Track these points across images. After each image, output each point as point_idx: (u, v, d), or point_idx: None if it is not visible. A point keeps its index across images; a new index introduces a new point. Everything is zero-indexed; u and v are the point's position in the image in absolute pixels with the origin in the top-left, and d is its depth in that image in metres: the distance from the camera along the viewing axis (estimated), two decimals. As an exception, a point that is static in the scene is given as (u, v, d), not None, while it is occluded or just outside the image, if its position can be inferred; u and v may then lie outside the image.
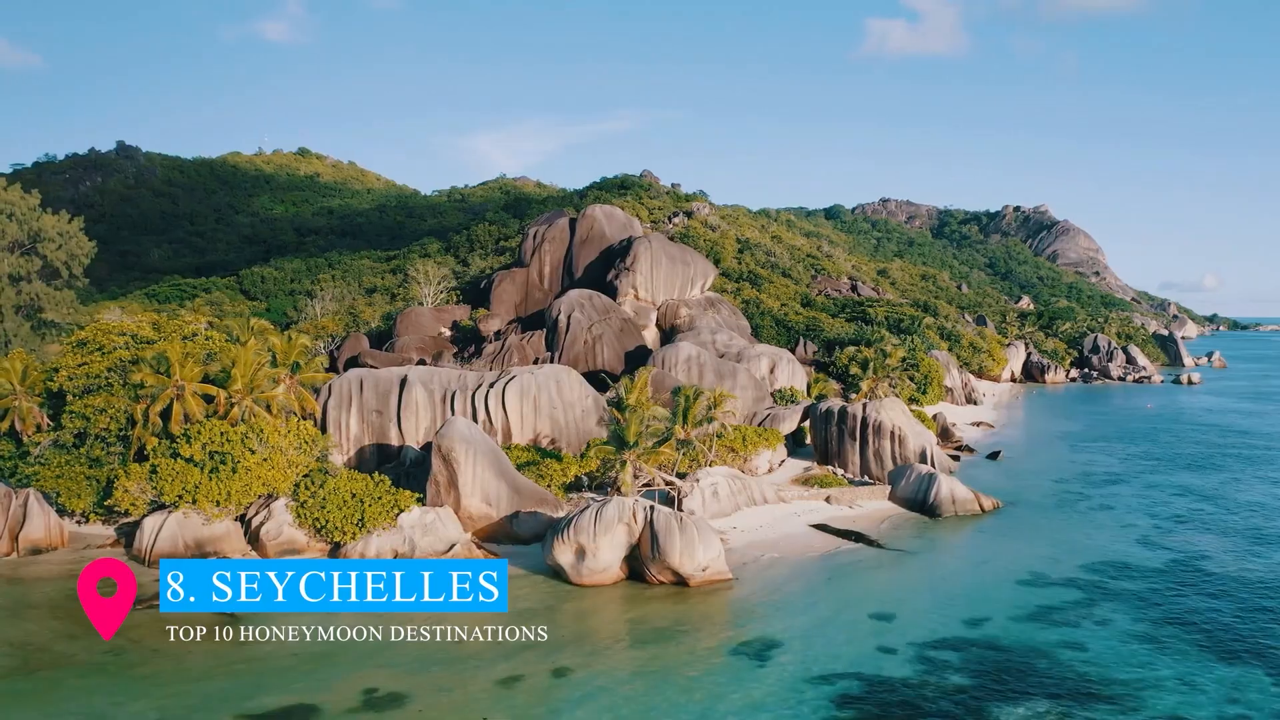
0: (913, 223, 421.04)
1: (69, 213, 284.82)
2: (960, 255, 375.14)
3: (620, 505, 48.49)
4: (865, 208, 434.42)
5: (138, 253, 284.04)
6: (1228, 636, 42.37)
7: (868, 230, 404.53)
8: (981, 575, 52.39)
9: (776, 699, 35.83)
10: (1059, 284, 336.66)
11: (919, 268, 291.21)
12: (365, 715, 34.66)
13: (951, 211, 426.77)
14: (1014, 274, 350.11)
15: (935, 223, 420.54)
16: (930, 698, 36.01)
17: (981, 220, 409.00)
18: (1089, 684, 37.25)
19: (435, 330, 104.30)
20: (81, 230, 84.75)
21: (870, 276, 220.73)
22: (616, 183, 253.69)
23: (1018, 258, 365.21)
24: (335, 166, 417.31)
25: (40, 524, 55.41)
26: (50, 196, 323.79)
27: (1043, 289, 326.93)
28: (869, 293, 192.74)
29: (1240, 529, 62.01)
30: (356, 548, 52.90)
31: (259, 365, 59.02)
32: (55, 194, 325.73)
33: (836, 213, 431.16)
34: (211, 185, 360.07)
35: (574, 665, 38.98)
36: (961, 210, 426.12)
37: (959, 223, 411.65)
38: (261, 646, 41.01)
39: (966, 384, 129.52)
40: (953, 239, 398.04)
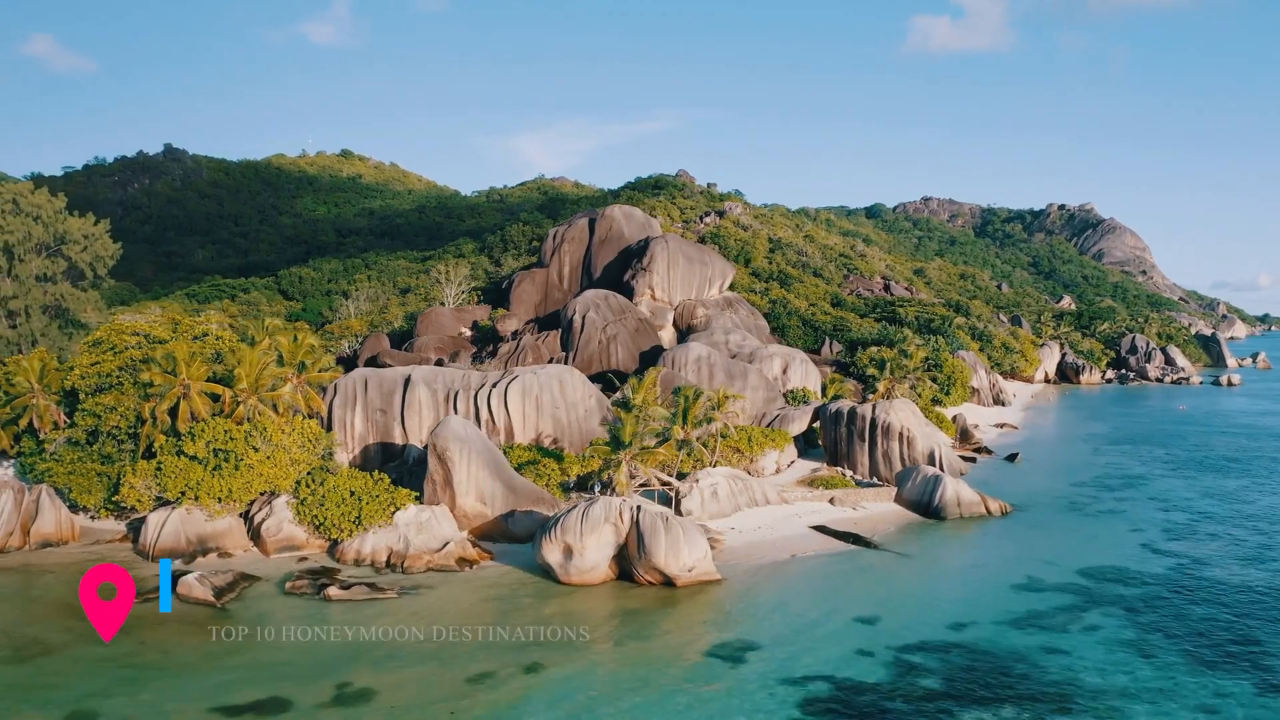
0: (955, 221, 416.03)
1: (118, 213, 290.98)
2: (1003, 254, 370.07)
3: (607, 505, 48.72)
4: (907, 206, 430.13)
5: (182, 253, 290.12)
6: (1217, 646, 41.48)
7: (909, 229, 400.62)
8: (975, 579, 51.86)
9: (743, 700, 35.83)
10: (1104, 283, 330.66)
11: (958, 267, 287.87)
12: (333, 710, 35.22)
13: (995, 210, 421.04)
14: (1058, 273, 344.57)
15: (978, 221, 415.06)
16: (897, 702, 35.77)
17: (1025, 219, 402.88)
18: (1062, 691, 36.75)
19: (456, 330, 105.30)
20: (108, 233, 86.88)
21: (905, 276, 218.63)
22: (650, 183, 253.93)
23: (1062, 256, 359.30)
24: (377, 168, 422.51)
25: (51, 519, 57.04)
26: (99, 198, 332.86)
27: (1087, 288, 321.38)
28: (902, 292, 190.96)
29: (1251, 536, 60.63)
30: (353, 545, 53.74)
31: (265, 365, 60.09)
32: (104, 196, 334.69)
33: (877, 211, 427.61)
34: (256, 187, 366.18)
35: (547, 663, 39.27)
36: (1005, 209, 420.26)
37: (1002, 221, 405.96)
38: (248, 642, 41.91)
39: (994, 385, 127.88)
40: (995, 238, 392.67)
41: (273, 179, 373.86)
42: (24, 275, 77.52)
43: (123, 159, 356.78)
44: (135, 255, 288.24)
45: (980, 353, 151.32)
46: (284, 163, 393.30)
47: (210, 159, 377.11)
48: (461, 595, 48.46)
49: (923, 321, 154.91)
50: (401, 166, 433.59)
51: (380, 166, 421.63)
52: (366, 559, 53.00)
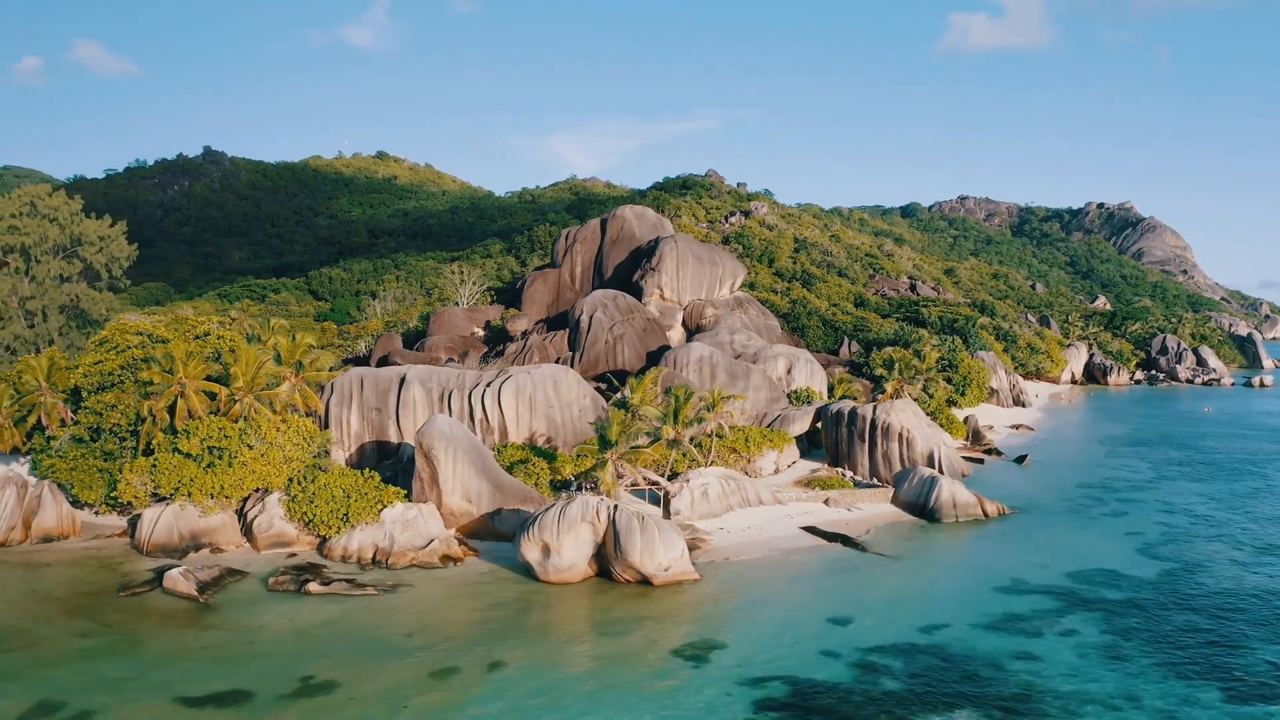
0: (992, 220, 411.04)
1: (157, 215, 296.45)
2: (1040, 254, 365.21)
3: (584, 504, 48.98)
4: (943, 205, 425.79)
5: (219, 254, 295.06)
6: (1192, 653, 40.73)
7: (944, 228, 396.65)
8: (958, 581, 51.36)
9: (698, 699, 35.83)
10: (1142, 283, 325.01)
11: (992, 266, 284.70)
12: (293, 702, 35.81)
13: (1032, 209, 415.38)
14: (1095, 272, 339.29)
15: (1015, 220, 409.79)
16: (853, 704, 35.60)
17: (1063, 218, 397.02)
18: (1024, 695, 36.34)
19: (468, 330, 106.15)
20: (124, 234, 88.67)
21: (934, 276, 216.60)
22: (678, 183, 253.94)
23: (1100, 256, 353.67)
24: (412, 169, 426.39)
25: (53, 514, 58.47)
26: (139, 200, 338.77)
27: (1125, 288, 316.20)
28: (928, 292, 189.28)
29: (1251, 541, 59.38)
30: (340, 542, 54.52)
31: (261, 364, 61.10)
32: (143, 198, 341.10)
33: (913, 211, 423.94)
34: (293, 188, 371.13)
35: (510, 659, 39.61)
36: (1043, 207, 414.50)
37: (1040, 220, 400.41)
38: (223, 635, 42.74)
39: (1014, 386, 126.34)
40: (1033, 237, 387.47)
41: (309, 181, 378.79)
42: (40, 276, 79.43)
43: (163, 161, 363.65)
44: (173, 256, 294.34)
45: (1004, 353, 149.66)
46: (320, 164, 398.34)
47: (248, 161, 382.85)
48: (440, 592, 48.98)
49: (946, 322, 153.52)
50: (436, 168, 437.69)
51: (415, 168, 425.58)
52: (353, 555, 53.75)
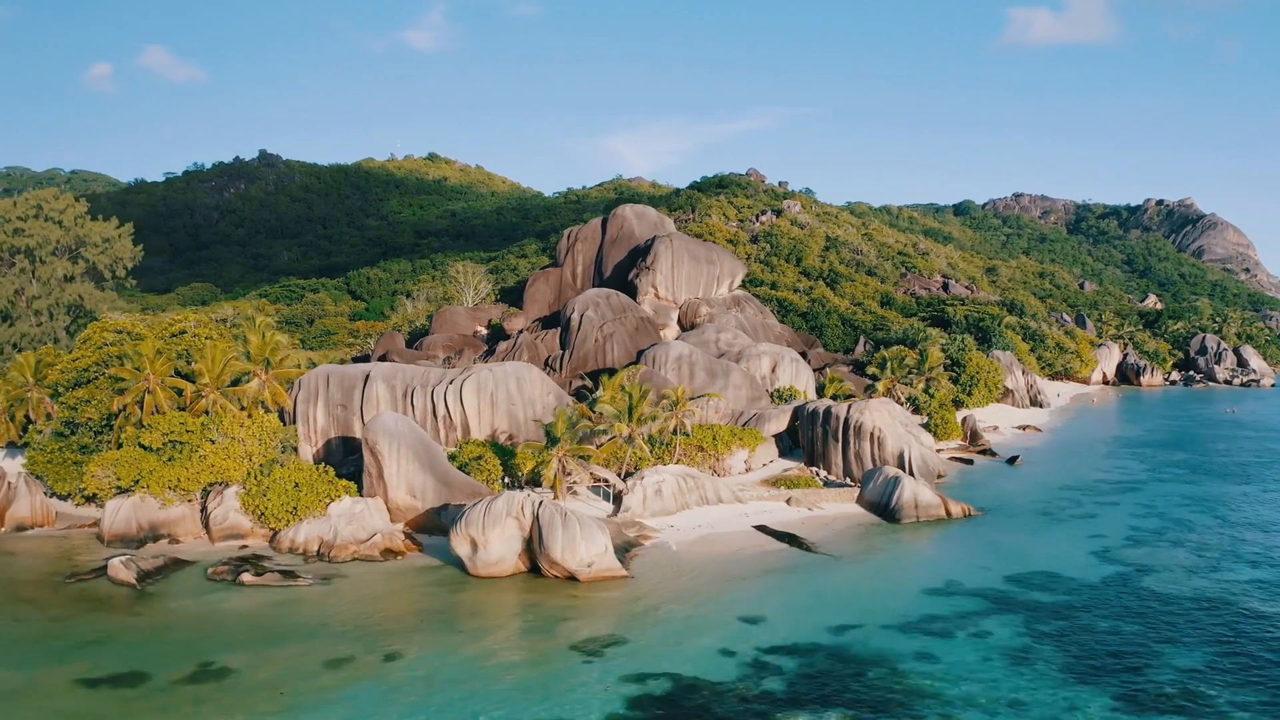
0: (1047, 218, 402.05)
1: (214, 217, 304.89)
2: (1095, 252, 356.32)
3: (509, 500, 49.55)
4: (997, 203, 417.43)
5: (269, 255, 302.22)
6: (1102, 660, 39.65)
7: (997, 226, 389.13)
8: (892, 582, 50.77)
9: (573, 694, 36.02)
10: (1202, 281, 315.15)
11: (1040, 264, 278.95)
12: (184, 686, 36.90)
13: (1089, 206, 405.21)
14: (1153, 271, 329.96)
15: (1071, 218, 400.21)
16: (727, 701, 35.49)
17: (1121, 215, 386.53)
18: (905, 697, 35.84)
19: (471, 329, 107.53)
20: (131, 236, 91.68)
21: (970, 275, 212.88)
22: (715, 181, 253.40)
23: (1158, 254, 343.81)
24: (463, 170, 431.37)
25: (26, 504, 60.92)
26: (196, 203, 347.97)
27: (1183, 286, 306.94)
28: (961, 291, 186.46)
29: (1219, 546, 57.49)
30: (288, 534, 55.87)
31: (226, 361, 62.84)
32: (200, 200, 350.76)
33: (966, 208, 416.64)
34: (345, 190, 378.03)
35: (407, 650, 40.30)
36: (1100, 204, 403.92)
37: (1097, 218, 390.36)
38: (145, 621, 44.24)
39: (1031, 386, 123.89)
40: (1089, 235, 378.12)
41: (361, 183, 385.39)
42: (45, 276, 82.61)
43: (220, 165, 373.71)
44: (225, 257, 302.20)
45: (1029, 353, 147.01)
46: (373, 166, 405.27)
47: (302, 164, 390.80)
48: (371, 585, 49.92)
49: (972, 321, 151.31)
50: (486, 169, 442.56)
51: (465, 169, 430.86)
52: (300, 548, 55.03)
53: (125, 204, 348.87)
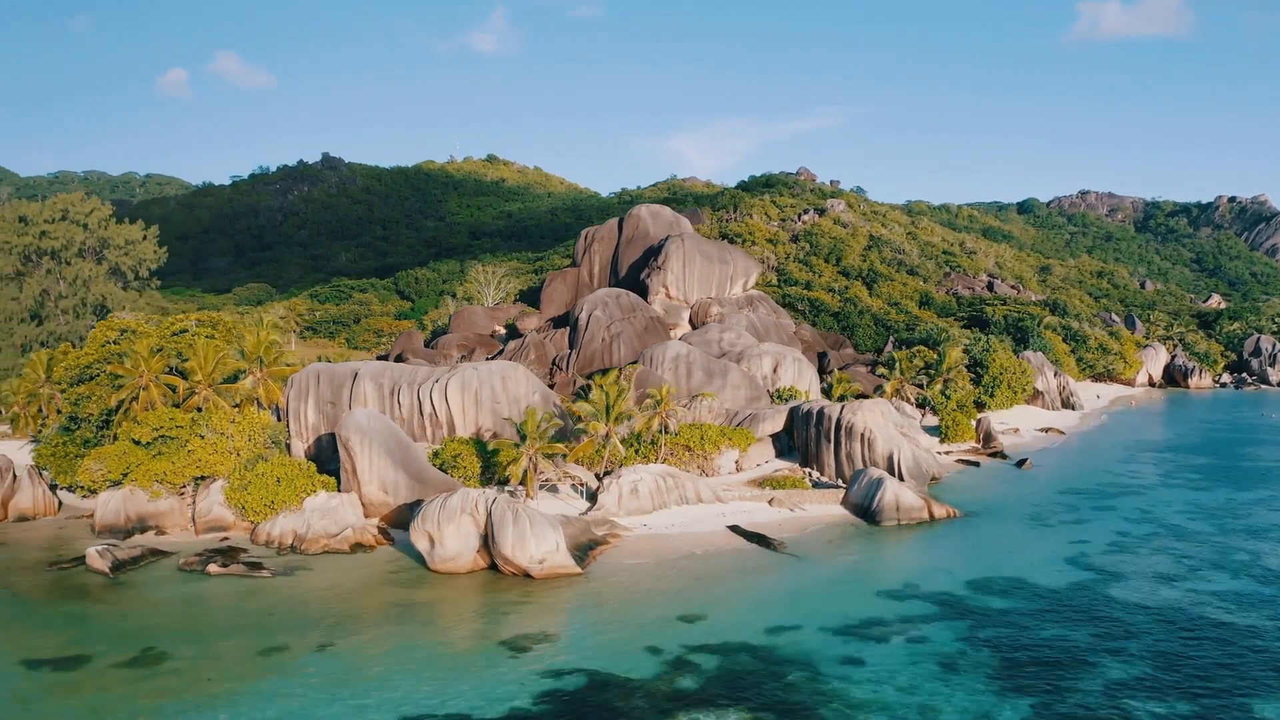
0: (1114, 216, 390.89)
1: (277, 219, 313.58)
2: (1163, 250, 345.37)
3: (464, 496, 50.28)
4: (1062, 201, 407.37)
5: (327, 256, 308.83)
6: (1035, 669, 38.75)
7: (1061, 224, 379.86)
8: (846, 584, 50.20)
9: (485, 688, 36.43)
10: (1275, 280, 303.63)
11: (1099, 263, 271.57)
12: (121, 669, 38.37)
13: (1158, 203, 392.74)
14: (1223, 270, 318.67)
15: (1139, 215, 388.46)
16: (633, 698, 35.58)
17: (1191, 212, 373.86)
18: (815, 699, 35.50)
19: (489, 328, 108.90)
20: (157, 239, 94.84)
21: (1019, 274, 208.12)
22: (761, 181, 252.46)
23: (1229, 252, 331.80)
24: (521, 172, 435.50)
25: (29, 495, 63.59)
26: (261, 205, 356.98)
27: (1254, 286, 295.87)
28: (1006, 291, 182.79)
29: (1206, 555, 55.52)
30: (265, 527, 57.43)
31: (218, 359, 64.82)
32: (265, 203, 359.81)
33: (1030, 207, 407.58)
34: (405, 192, 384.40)
35: (341, 642, 41.25)
36: (1170, 202, 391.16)
37: (1166, 215, 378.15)
38: (103, 608, 46.00)
39: (1063, 387, 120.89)
40: (1157, 233, 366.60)
41: (421, 184, 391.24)
42: (70, 277, 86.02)
43: (284, 168, 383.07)
44: (286, 258, 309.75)
45: (1070, 355, 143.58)
46: (432, 168, 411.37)
47: (364, 166, 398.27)
48: (331, 577, 51.05)
49: (1011, 321, 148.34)
50: (544, 170, 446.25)
51: (524, 170, 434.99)
52: (275, 540, 56.53)
53: (193, 207, 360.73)
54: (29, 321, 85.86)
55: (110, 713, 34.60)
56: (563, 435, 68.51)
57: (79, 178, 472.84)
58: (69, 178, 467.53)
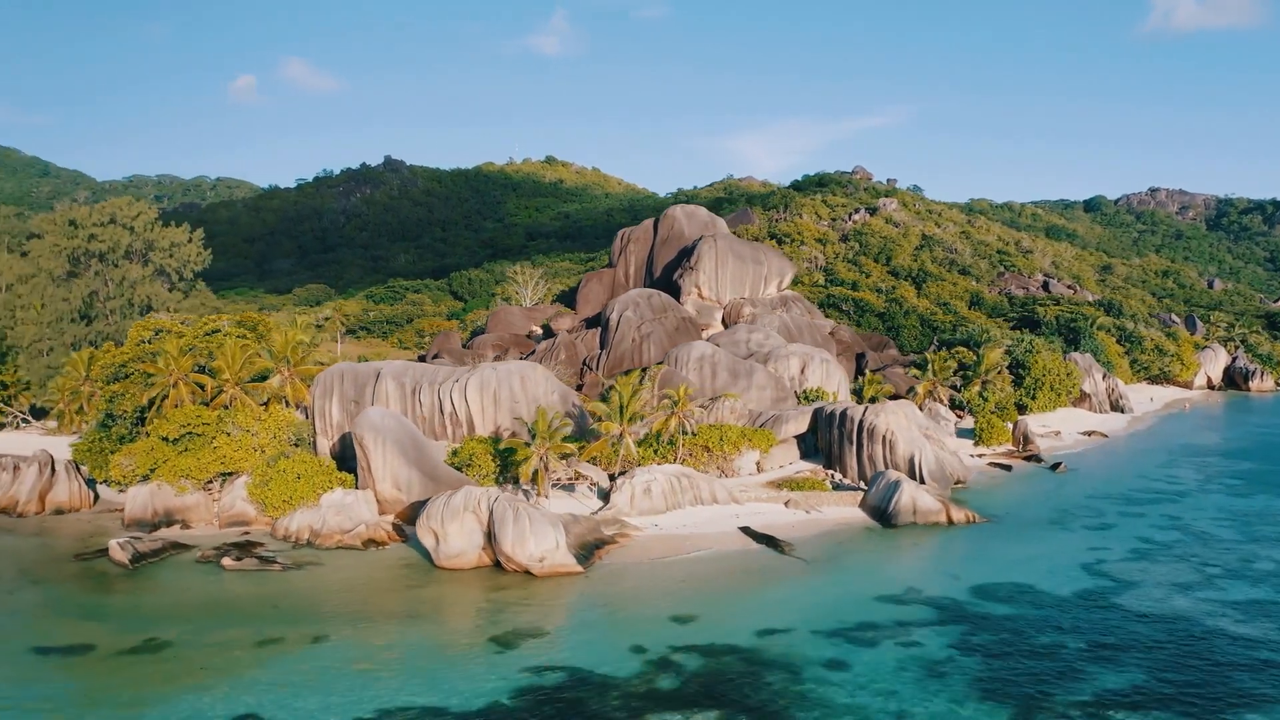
0: (1185, 214, 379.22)
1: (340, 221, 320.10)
2: (1236, 249, 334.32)
3: (467, 494, 51.00)
4: (1130, 199, 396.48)
5: (388, 257, 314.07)
6: (1023, 676, 38.00)
7: (1130, 223, 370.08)
8: (848, 587, 49.76)
9: (468, 684, 36.95)
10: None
11: (1166, 262, 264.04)
12: (125, 656, 39.81)
13: (1231, 200, 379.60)
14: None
15: (1211, 213, 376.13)
16: (608, 697, 35.78)
17: (1266, 209, 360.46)
18: (790, 702, 35.28)
19: (526, 329, 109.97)
20: (202, 242, 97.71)
21: (1078, 273, 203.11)
22: (815, 180, 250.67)
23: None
24: (579, 173, 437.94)
25: (65, 489, 66.04)
26: (324, 208, 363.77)
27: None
28: (1062, 290, 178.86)
29: (1229, 563, 53.64)
30: (284, 522, 58.89)
31: (245, 358, 66.64)
32: (328, 205, 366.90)
33: (1097, 204, 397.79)
34: (465, 194, 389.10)
35: (336, 635, 42.17)
36: (1244, 199, 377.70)
37: (1239, 213, 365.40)
38: (119, 598, 47.70)
39: (1112, 390, 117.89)
40: (1230, 231, 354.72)
41: (480, 186, 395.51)
42: (116, 278, 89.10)
43: (347, 170, 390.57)
44: (348, 259, 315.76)
45: (1123, 356, 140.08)
46: (492, 170, 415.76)
47: (425, 168, 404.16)
48: (340, 572, 52.17)
49: (1063, 322, 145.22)
50: (603, 170, 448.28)
51: (582, 171, 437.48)
52: (292, 535, 57.93)
53: (259, 209, 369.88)
54: (79, 321, 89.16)
55: (103, 697, 35.98)
56: (581, 435, 69.04)
57: (152, 181, 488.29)
58: (143, 181, 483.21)
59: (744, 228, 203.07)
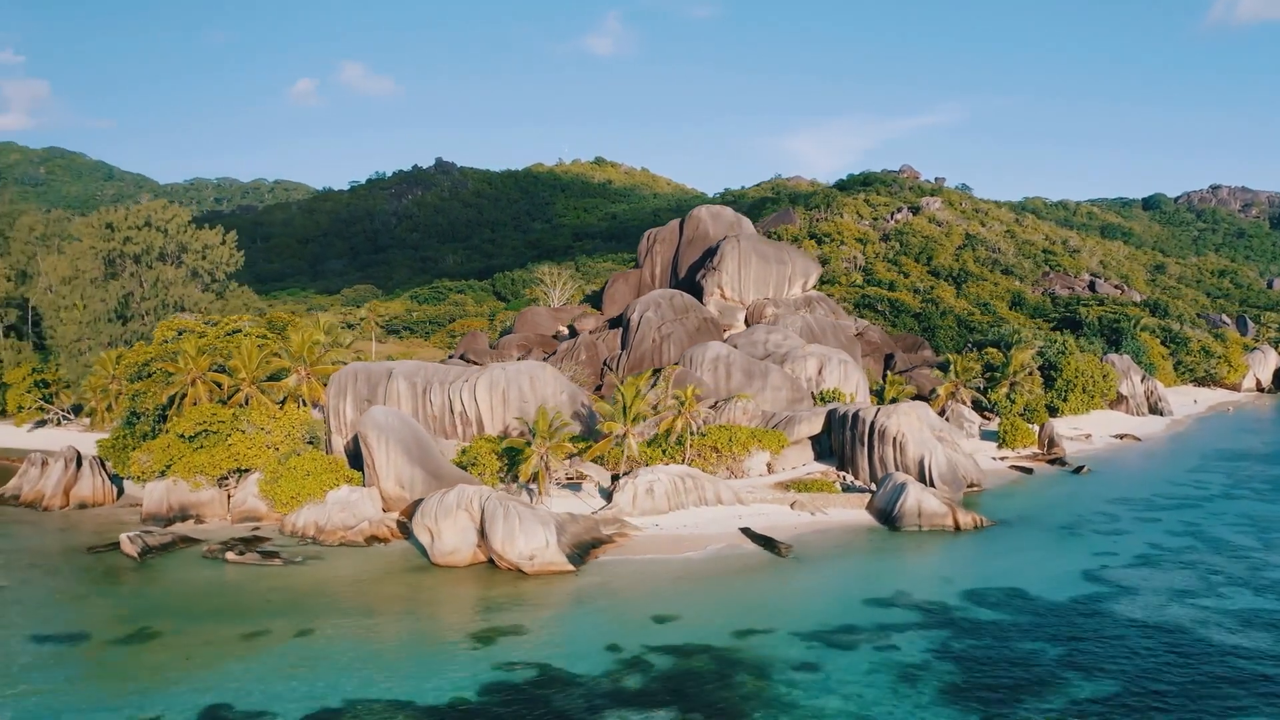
0: (1248, 212, 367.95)
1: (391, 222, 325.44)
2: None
3: (460, 492, 51.69)
4: (1191, 197, 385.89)
5: (436, 258, 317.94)
6: (996, 683, 37.52)
7: (1190, 221, 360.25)
8: (836, 589, 49.47)
9: (438, 679, 37.47)
10: None
11: (1225, 262, 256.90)
12: (116, 645, 41.19)
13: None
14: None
15: (1275, 211, 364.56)
16: (572, 694, 36.07)
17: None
18: (752, 704, 35.18)
19: (553, 329, 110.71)
20: (235, 244, 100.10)
21: (1128, 273, 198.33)
22: (859, 180, 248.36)
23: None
24: (628, 173, 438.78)
25: (89, 484, 68.21)
26: (376, 209, 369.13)
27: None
28: (1109, 290, 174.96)
29: (1233, 570, 52.10)
30: (291, 518, 60.22)
31: (262, 358, 68.23)
32: (380, 207, 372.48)
33: (1156, 202, 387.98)
34: (514, 195, 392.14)
35: (321, 628, 43.06)
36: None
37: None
38: (122, 590, 49.25)
39: (1151, 392, 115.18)
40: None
41: (530, 187, 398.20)
42: (150, 280, 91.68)
43: (399, 173, 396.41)
44: (397, 260, 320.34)
45: (1167, 357, 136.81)
46: (541, 171, 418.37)
47: (475, 170, 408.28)
48: (338, 567, 53.18)
49: (1106, 322, 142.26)
50: (652, 171, 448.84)
51: (630, 171, 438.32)
52: (299, 531, 59.19)
53: (313, 211, 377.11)
54: (115, 321, 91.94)
55: (88, 683, 37.28)
56: (590, 435, 69.49)
57: (212, 184, 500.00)
58: (203, 184, 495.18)
59: (784, 227, 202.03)
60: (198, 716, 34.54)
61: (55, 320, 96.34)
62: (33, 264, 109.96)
